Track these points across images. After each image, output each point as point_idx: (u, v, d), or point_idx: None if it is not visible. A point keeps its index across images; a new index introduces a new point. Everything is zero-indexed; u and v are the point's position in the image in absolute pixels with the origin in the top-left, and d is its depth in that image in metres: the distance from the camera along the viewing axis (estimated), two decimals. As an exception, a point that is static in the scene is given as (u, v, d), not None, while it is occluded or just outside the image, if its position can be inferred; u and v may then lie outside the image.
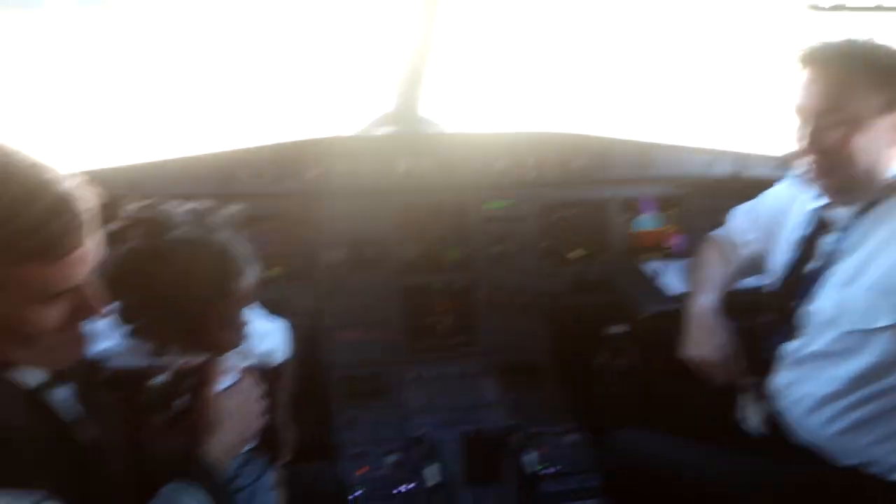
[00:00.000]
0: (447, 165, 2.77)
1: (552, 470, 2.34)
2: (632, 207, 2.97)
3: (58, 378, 1.38)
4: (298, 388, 3.04)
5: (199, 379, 1.59)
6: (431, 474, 2.21)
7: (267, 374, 1.87)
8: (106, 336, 1.57)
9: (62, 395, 1.40)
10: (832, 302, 1.87)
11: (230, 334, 1.61)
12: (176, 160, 2.62)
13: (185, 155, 2.64)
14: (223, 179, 2.58)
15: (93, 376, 1.55)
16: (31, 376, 1.32)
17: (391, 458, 2.33)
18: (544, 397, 2.64)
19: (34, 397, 1.32)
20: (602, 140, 2.94)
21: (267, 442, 1.81)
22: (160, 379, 1.57)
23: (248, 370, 1.74)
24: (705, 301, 2.22)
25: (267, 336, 1.80)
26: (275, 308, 2.59)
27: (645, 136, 3.01)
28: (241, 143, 2.69)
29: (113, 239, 1.44)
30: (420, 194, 2.78)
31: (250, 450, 1.77)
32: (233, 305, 1.58)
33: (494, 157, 2.80)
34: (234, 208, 1.61)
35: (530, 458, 2.27)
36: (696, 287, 2.32)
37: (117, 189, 2.18)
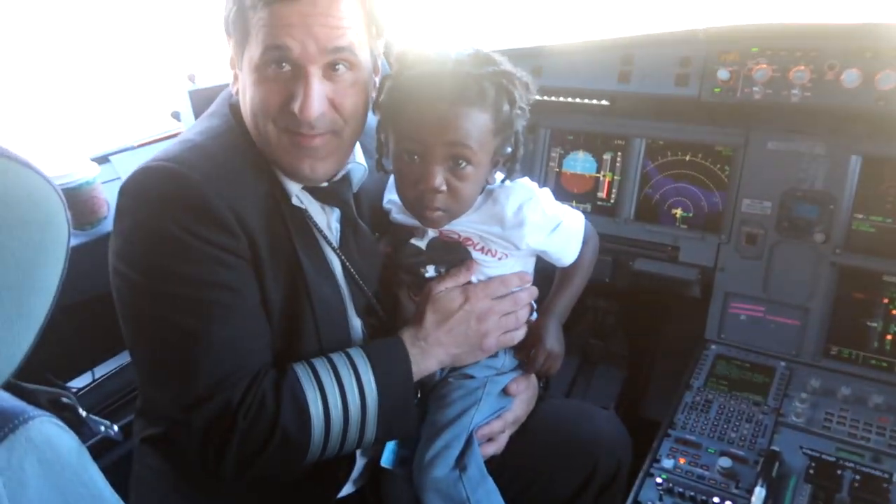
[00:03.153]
0: None
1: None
2: None
3: (327, 201, 1.44)
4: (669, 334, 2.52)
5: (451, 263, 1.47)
6: (761, 498, 1.58)
7: (546, 273, 1.60)
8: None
9: (330, 219, 1.46)
10: None
11: (411, 184, 1.36)
12: (570, 45, 2.30)
13: (584, 40, 2.29)
14: (622, 74, 2.22)
15: (377, 219, 1.57)
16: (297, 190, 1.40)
17: (724, 462, 1.75)
18: None
19: (300, 213, 1.40)
20: None
21: (524, 350, 1.56)
22: (415, 243, 1.50)
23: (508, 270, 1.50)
24: None
25: (552, 229, 1.48)
26: (669, 252, 2.22)
27: None
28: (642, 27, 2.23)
29: None
30: None
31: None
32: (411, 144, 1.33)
33: None
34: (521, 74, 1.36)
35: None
36: None
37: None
